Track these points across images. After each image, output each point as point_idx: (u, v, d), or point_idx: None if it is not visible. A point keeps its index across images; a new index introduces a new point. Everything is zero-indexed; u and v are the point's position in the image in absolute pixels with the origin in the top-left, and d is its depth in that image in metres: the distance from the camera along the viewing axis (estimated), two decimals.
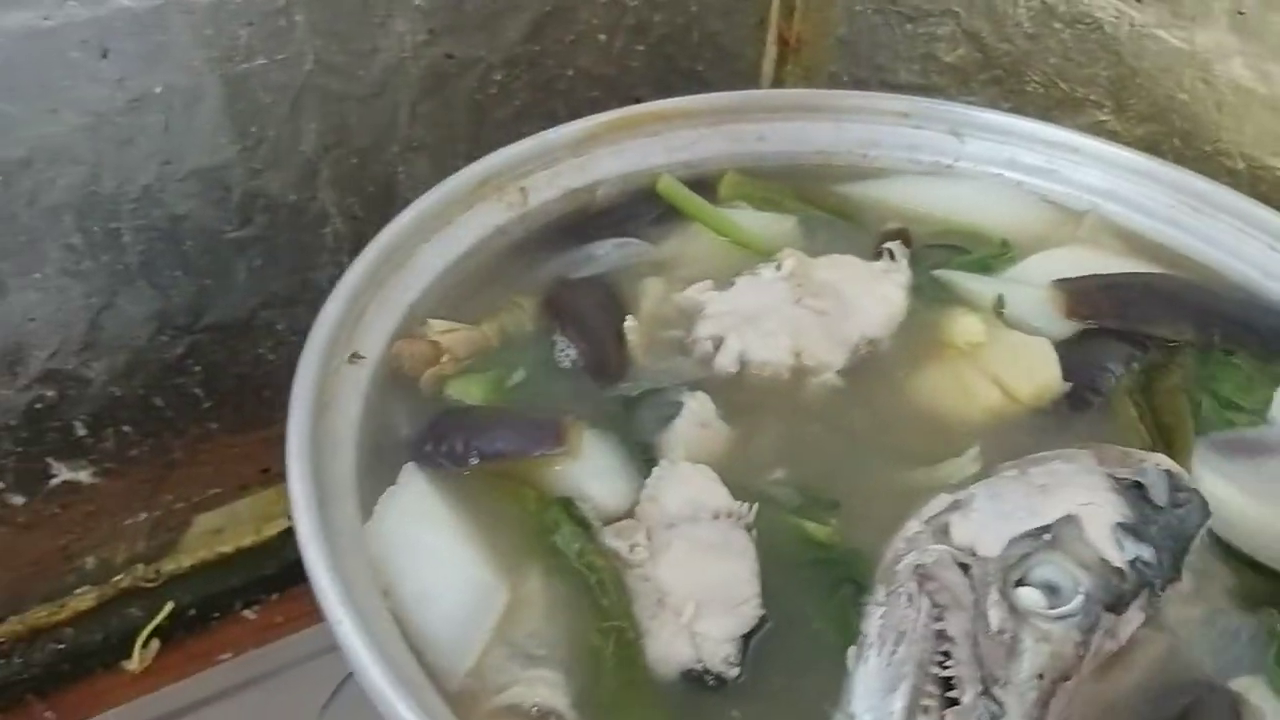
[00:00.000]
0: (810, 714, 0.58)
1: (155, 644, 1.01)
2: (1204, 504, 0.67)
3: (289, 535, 0.59)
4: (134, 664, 1.00)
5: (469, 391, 0.71)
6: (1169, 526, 0.64)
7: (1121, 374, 0.77)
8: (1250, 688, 0.62)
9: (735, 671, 0.59)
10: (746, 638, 0.61)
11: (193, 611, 1.04)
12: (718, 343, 0.75)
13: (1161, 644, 0.64)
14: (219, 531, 1.05)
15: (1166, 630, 0.64)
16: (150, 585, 1.03)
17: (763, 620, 0.61)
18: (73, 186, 0.84)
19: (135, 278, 0.91)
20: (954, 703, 0.56)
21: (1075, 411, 0.75)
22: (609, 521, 0.65)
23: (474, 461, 0.66)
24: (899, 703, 0.56)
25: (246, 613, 1.05)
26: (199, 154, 0.89)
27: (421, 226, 0.76)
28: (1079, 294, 0.81)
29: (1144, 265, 0.86)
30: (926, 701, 0.56)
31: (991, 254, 0.85)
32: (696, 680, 0.59)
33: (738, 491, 0.66)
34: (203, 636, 1.03)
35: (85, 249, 0.87)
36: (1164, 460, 0.67)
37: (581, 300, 0.77)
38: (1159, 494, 0.65)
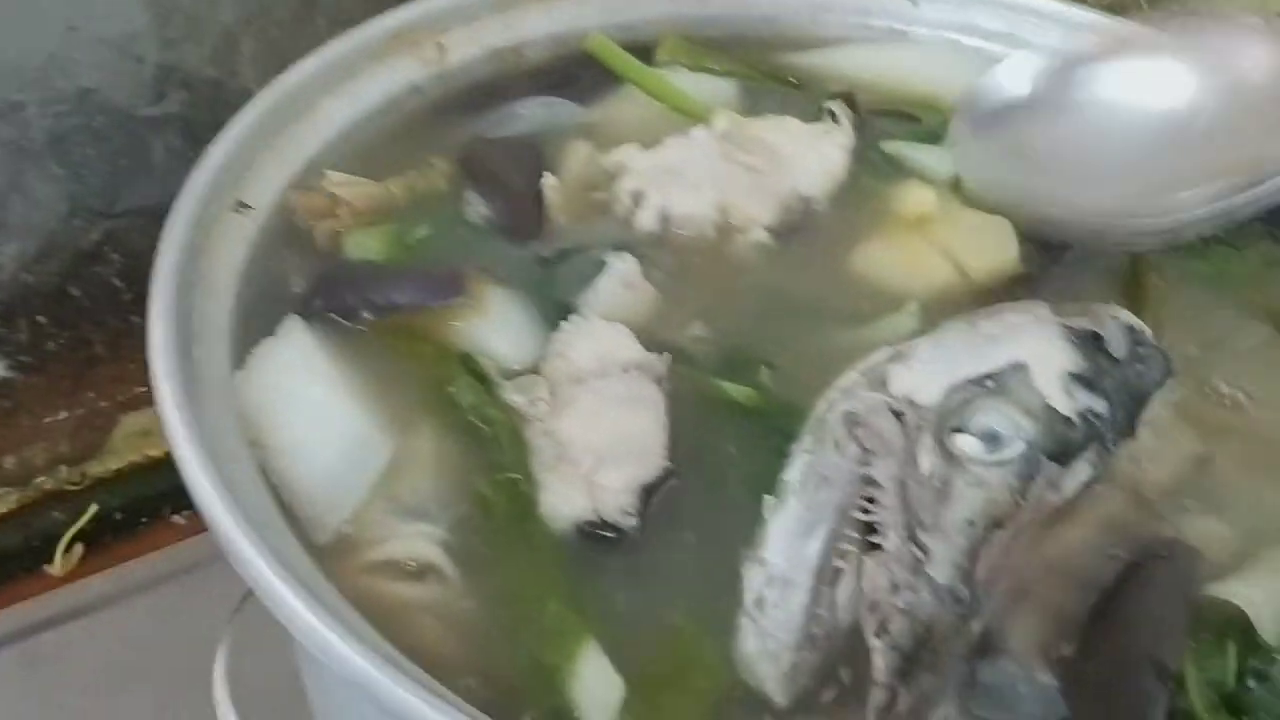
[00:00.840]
0: (718, 565, 0.53)
1: (79, 549, 0.97)
2: (1166, 361, 0.62)
3: None
4: (56, 568, 0.95)
5: (368, 246, 0.65)
6: (1125, 381, 0.59)
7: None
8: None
9: (633, 522, 0.54)
10: (649, 489, 0.55)
11: (119, 515, 0.99)
12: (638, 198, 0.70)
13: (1115, 501, 0.59)
14: (147, 434, 1.01)
15: (1120, 488, 0.59)
16: (75, 488, 0.99)
17: (668, 473, 0.56)
18: None
19: (43, 155, 0.86)
20: (877, 548, 0.51)
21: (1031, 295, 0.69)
22: (512, 378, 0.60)
23: (366, 315, 0.61)
24: (815, 546, 0.52)
25: (175, 517, 1.00)
26: (107, 20, 0.83)
27: (325, 77, 0.71)
28: None
29: None
30: (845, 546, 0.52)
31: (941, 123, 0.79)
32: (592, 533, 0.54)
33: (656, 349, 0.61)
34: (129, 541, 0.98)
35: None
36: (1125, 314, 0.62)
37: (499, 157, 0.72)
38: (1117, 347, 0.60)
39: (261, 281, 0.62)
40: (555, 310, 0.64)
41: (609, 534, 0.54)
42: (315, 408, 0.56)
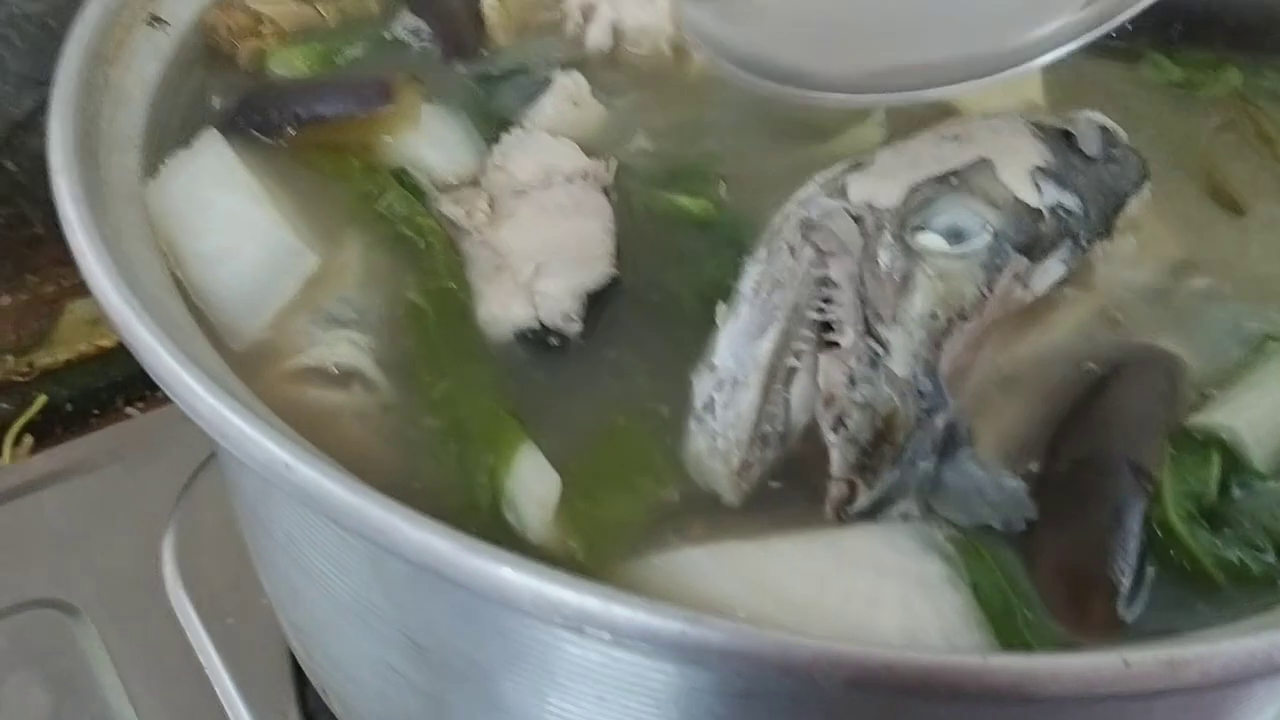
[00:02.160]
0: (667, 374, 0.49)
1: (28, 440, 0.93)
2: (1142, 164, 0.58)
3: None
4: (4, 459, 0.91)
5: (293, 64, 0.62)
6: (1098, 179, 0.56)
7: None
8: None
9: (577, 327, 0.51)
10: (594, 296, 0.52)
11: (69, 407, 0.96)
12: (588, 12, 0.65)
13: (1089, 305, 0.55)
14: (96, 322, 0.97)
15: (1097, 291, 0.55)
16: (22, 379, 0.95)
17: (614, 280, 0.53)
18: None
19: None
20: (834, 346, 0.48)
21: None
22: (448, 190, 0.56)
23: (289, 130, 0.57)
24: (766, 345, 0.48)
25: (130, 410, 0.97)
26: None
27: None
28: None
29: None
30: (799, 345, 0.48)
31: None
32: (534, 340, 0.51)
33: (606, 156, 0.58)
34: (81, 433, 0.94)
35: None
36: (1099, 115, 0.59)
37: None
38: (1090, 145, 0.57)
39: (177, 98, 0.58)
40: (495, 127, 0.60)
41: (551, 340, 0.51)
42: (232, 216, 0.53)
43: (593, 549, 0.43)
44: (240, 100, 0.59)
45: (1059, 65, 0.55)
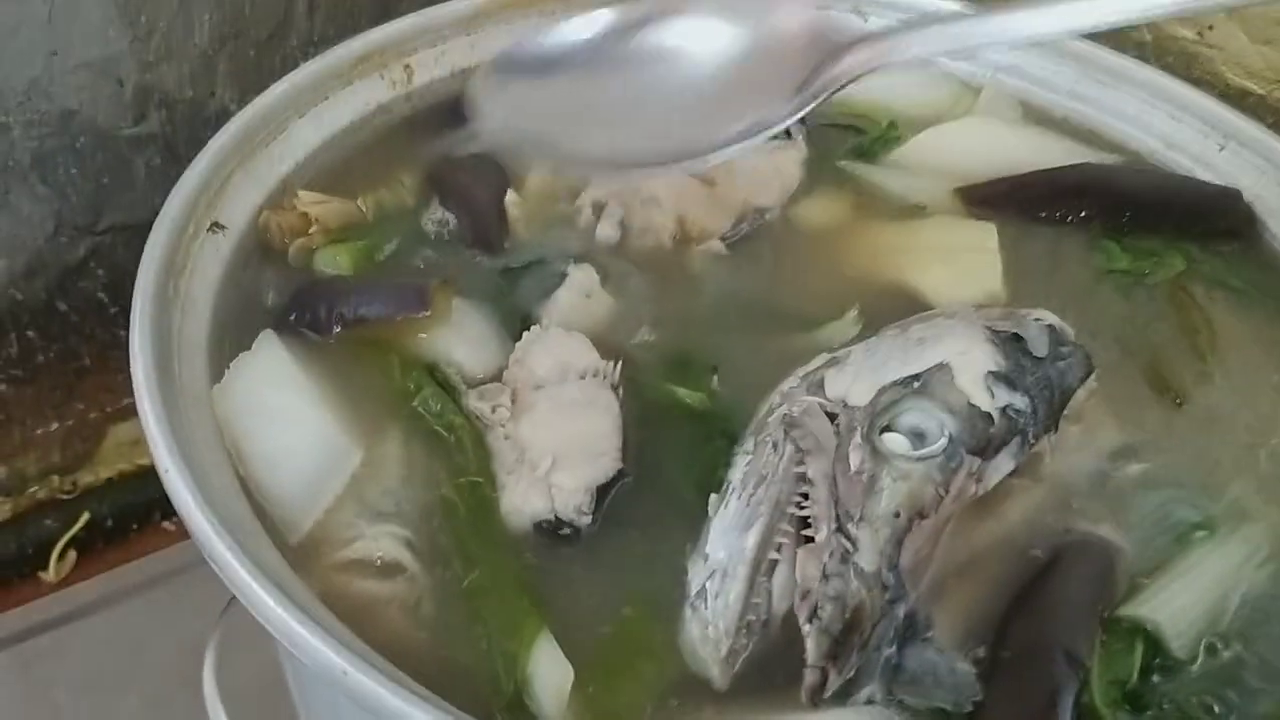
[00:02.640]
0: (666, 560, 0.57)
1: (72, 555, 1.00)
2: (1087, 359, 0.65)
3: None
4: (50, 574, 0.99)
5: (337, 261, 0.69)
6: (1046, 378, 0.63)
7: None
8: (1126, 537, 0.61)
9: (587, 520, 0.58)
10: (603, 489, 0.59)
11: (110, 523, 1.03)
12: (599, 210, 0.73)
13: (1036, 495, 0.63)
14: (136, 443, 1.04)
15: (1044, 481, 0.63)
16: (66, 497, 1.03)
17: (621, 474, 0.60)
18: None
19: (28, 175, 0.89)
20: (810, 540, 0.55)
21: None
22: (475, 385, 0.64)
23: (336, 329, 0.65)
24: (751, 539, 0.55)
25: (165, 524, 1.04)
26: (87, 45, 0.87)
27: (295, 100, 0.74)
28: (981, 201, 0.79)
29: (1037, 135, 0.84)
30: (780, 540, 0.56)
31: (876, 136, 0.83)
32: (549, 530, 0.58)
33: (612, 356, 0.65)
34: (121, 547, 1.02)
35: None
36: (1048, 315, 0.66)
37: (463, 173, 0.76)
38: (1038, 346, 0.64)
39: (236, 298, 0.66)
40: (517, 320, 0.67)
41: (565, 531, 0.58)
42: (288, 416, 0.60)
43: None
44: (291, 298, 0.66)
45: (1016, 252, 0.63)
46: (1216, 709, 0.54)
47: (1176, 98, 0.83)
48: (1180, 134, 0.83)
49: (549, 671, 0.52)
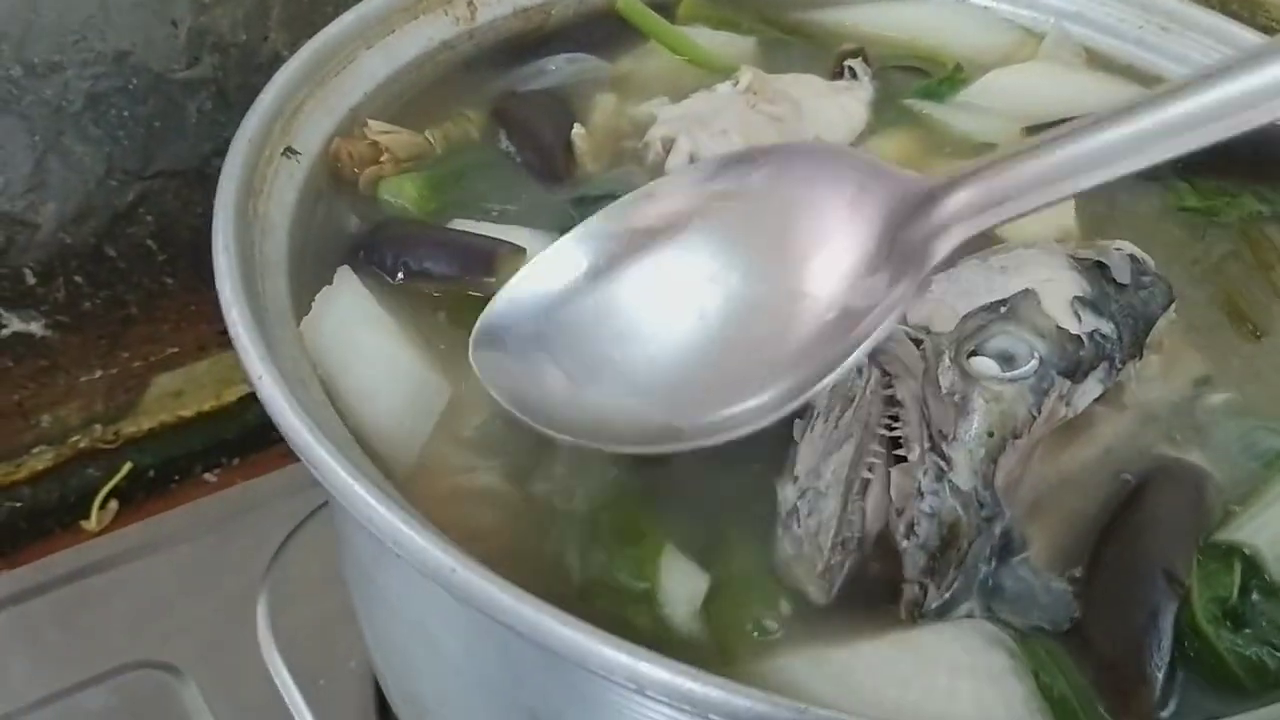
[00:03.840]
0: (756, 484, 0.56)
1: (114, 505, 1.00)
2: (1168, 288, 0.65)
3: (250, 400, 0.57)
4: (92, 524, 0.98)
5: (403, 190, 0.68)
6: (1130, 305, 0.63)
7: None
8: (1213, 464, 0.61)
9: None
10: None
11: (152, 473, 1.02)
12: (668, 145, 0.72)
13: (1123, 421, 0.62)
14: (179, 394, 1.04)
15: (1129, 409, 0.62)
16: (109, 446, 1.02)
17: None
18: (11, 14, 0.82)
19: (80, 117, 0.88)
20: (902, 460, 0.55)
21: None
22: None
23: (400, 277, 0.64)
24: (842, 460, 0.55)
25: (207, 476, 1.04)
26: None
27: (363, 30, 0.74)
28: None
29: (1104, 80, 0.84)
30: (871, 460, 0.55)
31: (943, 77, 0.83)
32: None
33: None
34: (162, 498, 1.01)
35: (27, 83, 0.85)
36: (1128, 245, 0.66)
37: (529, 108, 0.75)
38: (1121, 274, 0.64)
39: (311, 222, 0.65)
40: None
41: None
42: (377, 354, 0.59)
43: (722, 645, 0.50)
44: (358, 238, 0.66)
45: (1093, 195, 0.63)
46: None
47: (1242, 44, 0.83)
48: None
49: (681, 578, 0.52)
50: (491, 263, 0.64)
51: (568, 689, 0.51)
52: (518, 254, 0.64)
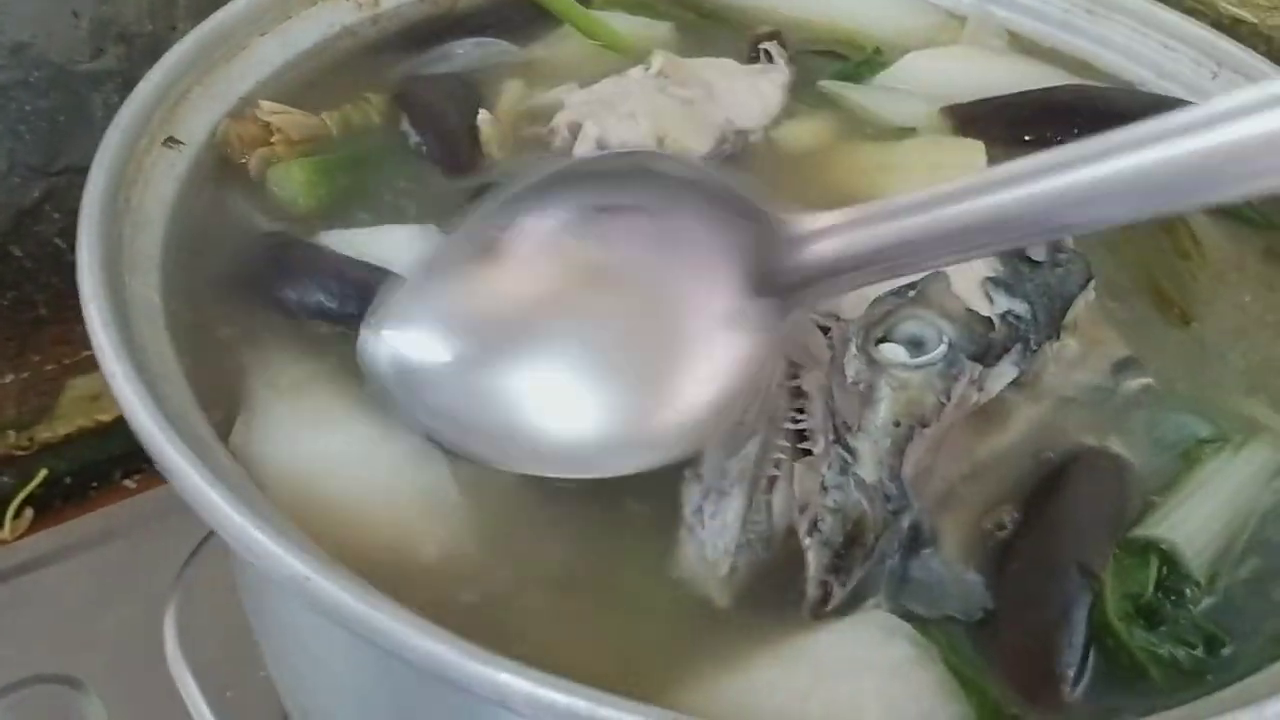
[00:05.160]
0: (659, 485, 0.53)
1: (29, 513, 0.96)
2: (1086, 266, 0.63)
3: None
4: (5, 533, 0.94)
5: (290, 176, 0.65)
6: (1046, 284, 0.60)
7: None
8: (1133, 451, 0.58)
9: None
10: None
11: (69, 480, 0.99)
12: (574, 130, 0.70)
13: (1040, 407, 0.60)
14: (95, 398, 1.00)
15: (1045, 395, 0.60)
16: (23, 453, 0.98)
17: None
18: None
19: None
20: (808, 454, 0.52)
21: None
22: None
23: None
24: (747, 455, 0.52)
25: (127, 482, 1.00)
26: None
27: (258, 17, 0.71)
28: (968, 120, 0.76)
29: (1026, 63, 0.82)
30: (777, 455, 0.52)
31: (861, 60, 0.81)
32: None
33: None
34: (80, 505, 0.97)
35: None
36: None
37: (433, 92, 0.72)
38: (1036, 251, 0.61)
39: (192, 213, 0.62)
40: None
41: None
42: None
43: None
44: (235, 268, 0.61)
45: None
46: (1235, 625, 0.51)
47: (1168, 27, 0.81)
48: (1172, 63, 0.81)
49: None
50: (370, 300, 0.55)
51: (443, 706, 0.48)
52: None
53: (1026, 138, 0.75)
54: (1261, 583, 0.54)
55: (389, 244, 0.62)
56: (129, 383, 0.48)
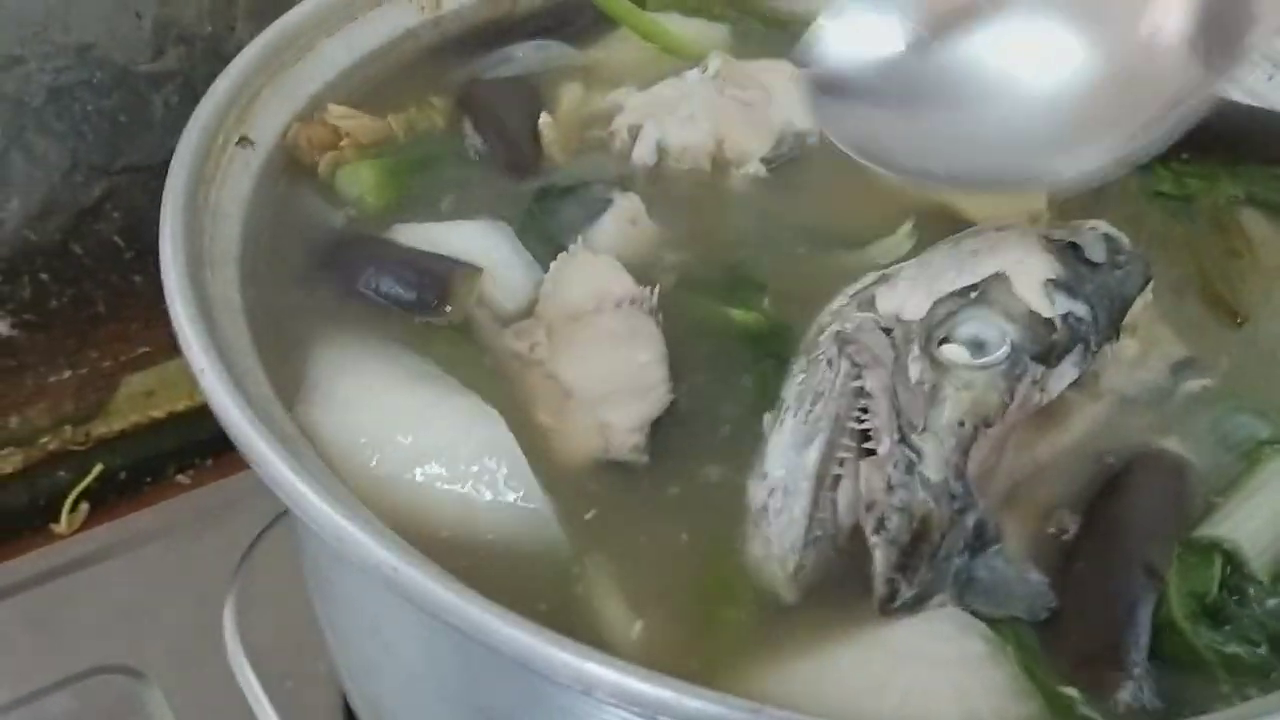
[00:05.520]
0: (723, 486, 0.55)
1: (84, 507, 0.98)
2: (1146, 267, 0.63)
3: None
4: (62, 527, 0.96)
5: (359, 177, 0.66)
6: (1105, 285, 0.61)
7: None
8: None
9: (645, 458, 0.56)
10: (656, 423, 0.57)
11: (124, 475, 1.00)
12: (634, 132, 0.71)
13: (1100, 408, 0.61)
14: (150, 394, 1.02)
15: (1106, 395, 0.61)
16: (79, 448, 1.00)
17: (673, 404, 0.58)
18: None
19: (44, 111, 0.87)
20: (873, 453, 0.53)
21: None
22: (510, 321, 0.61)
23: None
24: (813, 455, 0.53)
25: (180, 477, 1.02)
26: None
27: (324, 18, 0.72)
28: None
29: None
30: (842, 454, 0.53)
31: None
32: (606, 469, 0.56)
33: (653, 282, 0.62)
34: (134, 500, 0.99)
35: None
36: (1102, 224, 0.64)
37: (496, 96, 0.73)
38: (1095, 253, 0.62)
39: (265, 210, 0.63)
40: (553, 247, 0.64)
41: (623, 468, 0.56)
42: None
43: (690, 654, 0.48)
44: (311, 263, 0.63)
45: None
46: None
47: None
48: None
49: (615, 618, 0.50)
50: (444, 293, 0.60)
51: (520, 692, 0.49)
52: (473, 275, 0.61)
53: None
54: None
55: (460, 237, 0.64)
56: (217, 379, 0.49)
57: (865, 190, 0.71)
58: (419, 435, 0.53)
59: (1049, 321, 0.57)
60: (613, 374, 0.58)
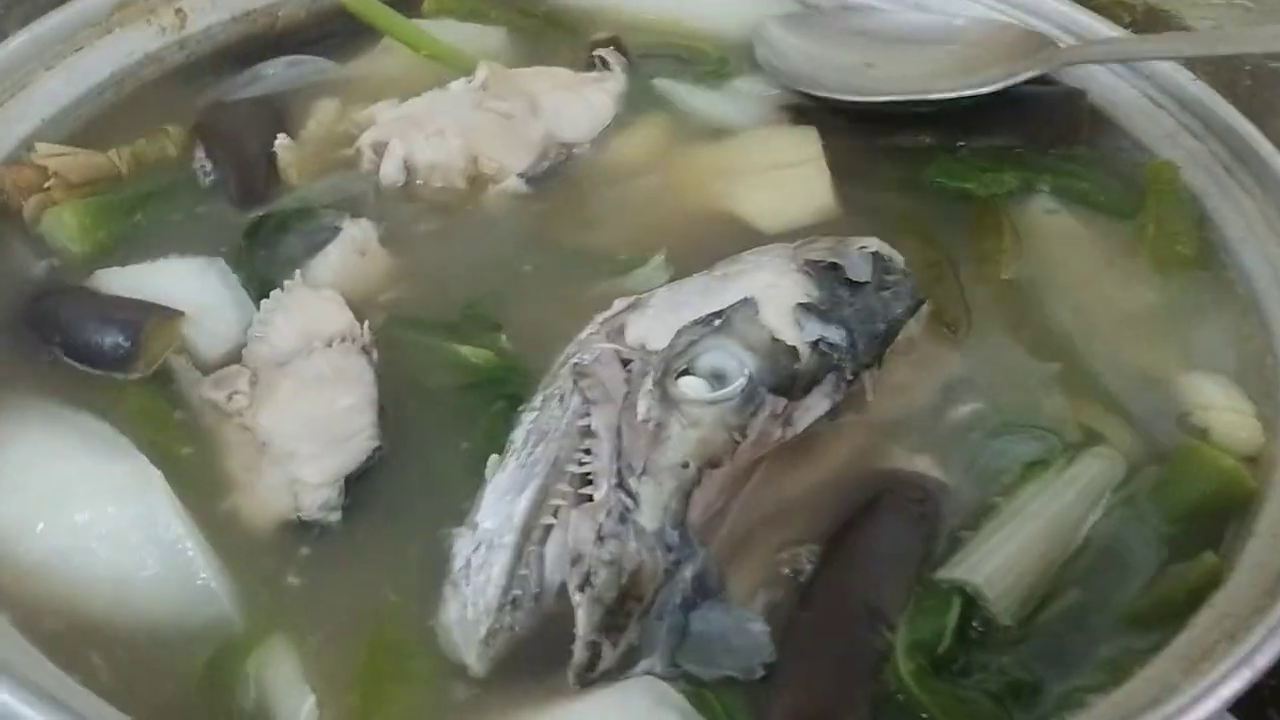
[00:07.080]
0: (430, 544, 0.50)
1: None
2: (914, 288, 0.58)
3: None
4: None
5: (62, 221, 0.61)
6: (868, 307, 0.57)
7: None
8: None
9: (337, 516, 0.51)
10: (351, 479, 0.52)
11: None
12: (379, 149, 0.66)
13: (858, 436, 0.56)
14: None
15: (869, 424, 0.56)
16: None
17: (376, 452, 0.53)
18: None
19: None
20: (589, 500, 0.48)
21: None
22: (213, 368, 0.56)
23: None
24: (523, 504, 0.49)
25: None
26: None
27: (40, 52, 0.67)
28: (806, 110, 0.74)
29: None
30: (557, 501, 0.49)
31: (708, 69, 0.77)
32: (294, 530, 0.51)
33: (377, 315, 0.58)
34: None
35: None
36: (874, 243, 0.59)
37: (232, 118, 0.69)
38: (859, 273, 0.57)
39: None
40: (269, 284, 0.59)
41: (316, 531, 0.51)
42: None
43: None
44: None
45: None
46: (1045, 669, 0.48)
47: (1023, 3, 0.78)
48: None
49: (288, 697, 0.46)
50: (134, 354, 0.56)
51: None
52: (172, 321, 0.57)
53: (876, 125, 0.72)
54: (1085, 614, 0.50)
55: (167, 279, 0.59)
56: None
57: (631, 204, 0.67)
58: (77, 509, 0.49)
59: (792, 349, 0.52)
60: (311, 422, 0.53)
